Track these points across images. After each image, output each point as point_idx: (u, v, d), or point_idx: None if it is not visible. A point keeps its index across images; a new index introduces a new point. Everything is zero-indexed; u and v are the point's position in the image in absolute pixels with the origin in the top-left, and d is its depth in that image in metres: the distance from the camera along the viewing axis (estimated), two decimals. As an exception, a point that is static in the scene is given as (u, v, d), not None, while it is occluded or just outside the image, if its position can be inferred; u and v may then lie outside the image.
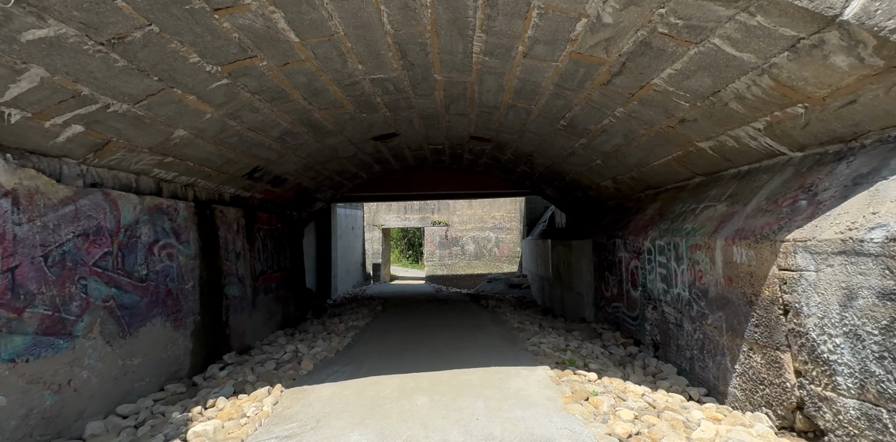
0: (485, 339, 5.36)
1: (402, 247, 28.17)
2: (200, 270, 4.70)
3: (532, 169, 8.30)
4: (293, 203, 8.42)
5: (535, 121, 5.46)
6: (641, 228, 4.87)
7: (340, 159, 7.55)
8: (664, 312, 4.10)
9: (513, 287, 12.80)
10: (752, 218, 2.89)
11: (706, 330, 3.33)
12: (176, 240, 4.24)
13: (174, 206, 4.26)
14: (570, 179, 7.54)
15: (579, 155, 6.02)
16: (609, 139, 4.88)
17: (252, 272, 6.09)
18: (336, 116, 5.35)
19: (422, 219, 17.23)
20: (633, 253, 4.93)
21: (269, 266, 6.80)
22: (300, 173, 7.11)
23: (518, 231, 16.41)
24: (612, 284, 5.80)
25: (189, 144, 4.21)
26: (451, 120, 6.19)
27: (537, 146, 6.59)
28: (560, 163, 6.91)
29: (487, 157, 8.56)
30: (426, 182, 10.94)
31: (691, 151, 3.93)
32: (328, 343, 5.35)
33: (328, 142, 6.31)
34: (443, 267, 16.78)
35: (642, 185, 5.50)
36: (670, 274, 3.95)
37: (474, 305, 9.18)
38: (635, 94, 3.57)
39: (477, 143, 7.50)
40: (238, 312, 5.52)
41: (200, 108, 3.77)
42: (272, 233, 7.11)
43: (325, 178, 8.29)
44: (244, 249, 5.87)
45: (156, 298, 3.83)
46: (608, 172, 5.97)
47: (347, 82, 4.38)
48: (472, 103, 5.29)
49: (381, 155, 8.24)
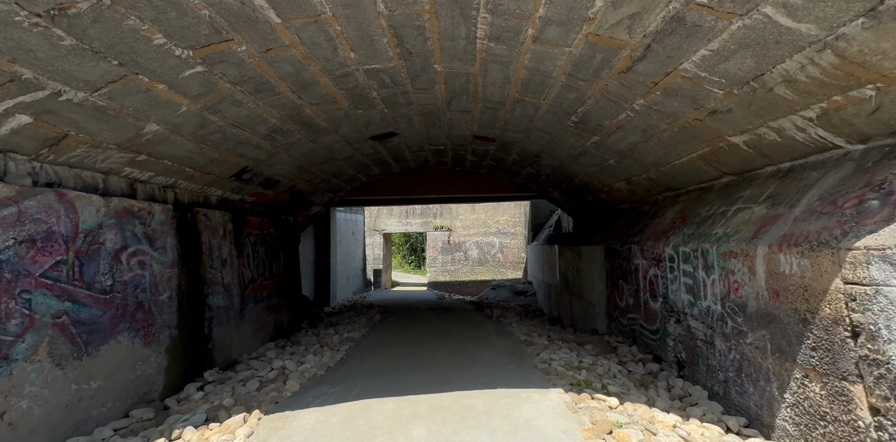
0: (490, 354, 4.92)
1: (404, 252, 27.74)
2: (179, 279, 4.30)
3: (538, 171, 7.90)
4: (287, 207, 8.04)
5: (543, 117, 5.06)
6: (661, 234, 4.44)
7: (337, 161, 7.17)
8: (690, 326, 3.66)
9: (518, 294, 12.34)
10: (804, 221, 2.47)
11: (744, 350, 2.90)
12: (149, 246, 3.84)
13: (148, 209, 3.88)
14: (580, 181, 7.12)
15: (590, 155, 5.61)
16: (625, 136, 4.47)
17: (240, 280, 5.69)
18: (329, 113, 4.97)
19: (424, 223, 16.82)
20: (652, 260, 4.51)
21: (259, 273, 6.40)
22: (294, 175, 6.73)
23: (523, 236, 15.97)
24: (626, 293, 5.36)
25: (165, 141, 3.83)
26: (452, 117, 5.80)
27: (545, 146, 6.19)
28: (569, 164, 6.50)
29: (491, 158, 8.16)
30: (428, 185, 10.55)
31: (720, 148, 3.51)
32: (319, 358, 4.93)
33: (322, 141, 5.93)
34: (445, 273, 16.34)
35: (660, 187, 5.07)
36: (697, 284, 3.52)
37: (478, 314, 8.74)
38: (659, 83, 3.16)
39: (480, 143, 7.11)
40: (223, 323, 5.11)
41: (174, 99, 3.38)
42: (264, 238, 6.72)
43: (322, 180, 7.92)
44: (231, 255, 5.47)
45: (123, 311, 3.43)
46: (622, 173, 5.56)
47: (339, 73, 3.99)
48: (475, 98, 4.90)
49: (379, 156, 7.87)
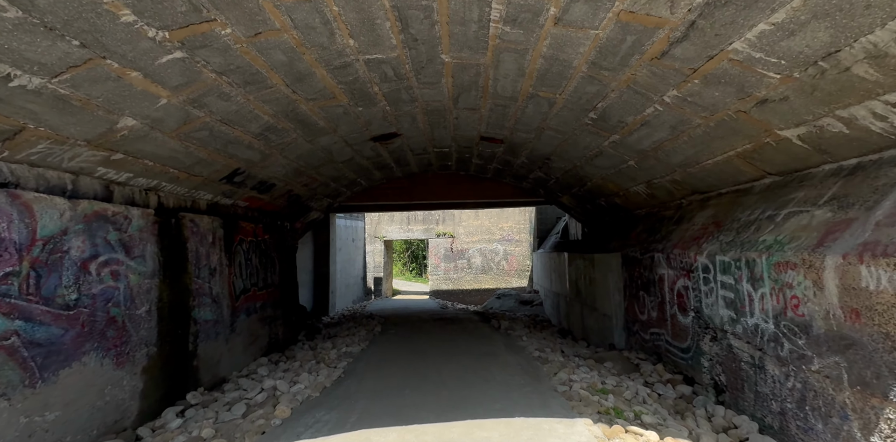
0: (501, 373, 4.49)
1: (405, 260, 27.28)
2: (160, 291, 3.90)
3: (548, 174, 7.52)
4: (284, 212, 7.66)
5: (557, 115, 4.68)
6: (691, 241, 4.04)
7: (336, 164, 6.80)
8: (731, 346, 3.25)
9: (524, 304, 11.90)
10: (891, 227, 2.07)
11: (809, 378, 2.49)
12: (125, 254, 3.45)
13: (124, 213, 3.49)
14: (593, 185, 6.74)
15: (607, 156, 5.23)
16: (650, 134, 4.09)
17: (231, 291, 5.29)
18: (327, 110, 4.60)
19: (426, 230, 16.42)
20: (681, 270, 4.10)
21: (253, 283, 6.00)
22: (290, 178, 6.36)
23: (528, 243, 15.56)
24: (649, 305, 4.94)
25: (143, 138, 3.46)
26: (459, 116, 5.43)
27: (557, 147, 5.82)
28: (582, 166, 6.12)
29: (498, 161, 7.79)
30: (431, 190, 10.17)
31: (766, 144, 3.12)
32: (314, 377, 4.51)
33: (321, 142, 5.56)
34: (448, 281, 15.89)
35: (686, 190, 4.68)
36: (741, 299, 3.11)
37: (484, 325, 8.30)
38: (699, 70, 2.78)
39: (487, 144, 6.74)
40: (211, 338, 4.69)
41: (151, 90, 3.01)
42: (258, 245, 6.32)
43: (320, 184, 7.54)
44: (221, 264, 5.07)
45: (90, 328, 3.03)
46: (642, 176, 5.16)
47: (337, 64, 3.63)
48: (484, 93, 4.53)
49: (381, 159, 7.50)
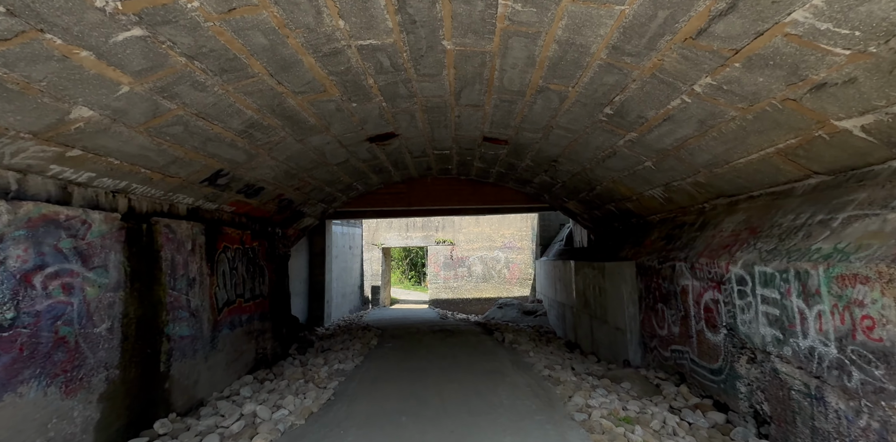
0: (510, 396, 4.05)
1: (404, 267, 26.79)
2: (126, 305, 3.47)
3: (554, 178, 7.13)
4: (275, 218, 7.24)
5: (569, 111, 4.30)
6: (720, 249, 3.62)
7: (330, 166, 6.41)
8: (777, 370, 2.82)
9: (527, 314, 11.44)
10: None
11: (893, 418, 2.06)
12: (81, 265, 3.02)
13: (81, 217, 3.07)
14: (603, 189, 6.34)
15: (622, 156, 4.84)
16: (673, 130, 3.70)
17: (213, 303, 4.85)
18: (318, 106, 4.21)
19: (425, 237, 15.99)
20: (709, 282, 3.68)
21: (238, 294, 5.56)
22: (280, 182, 5.95)
23: (530, 251, 15.12)
24: (669, 319, 4.51)
25: (105, 132, 3.05)
26: (461, 114, 5.05)
27: (566, 148, 5.43)
28: (592, 168, 5.73)
29: (501, 164, 7.40)
30: (430, 195, 9.78)
31: (817, 138, 2.73)
32: (301, 400, 4.05)
33: (312, 142, 5.17)
34: (447, 290, 15.42)
35: (710, 193, 4.28)
36: (790, 316, 2.69)
37: (487, 338, 7.84)
38: (743, 49, 2.39)
39: (491, 146, 6.36)
40: (187, 356, 4.25)
41: (108, 75, 2.61)
42: (246, 253, 5.89)
43: (314, 189, 7.14)
44: (202, 273, 4.64)
45: (31, 352, 2.60)
46: (659, 178, 4.77)
47: (327, 50, 3.24)
48: (489, 87, 4.14)
49: (378, 162, 7.11)
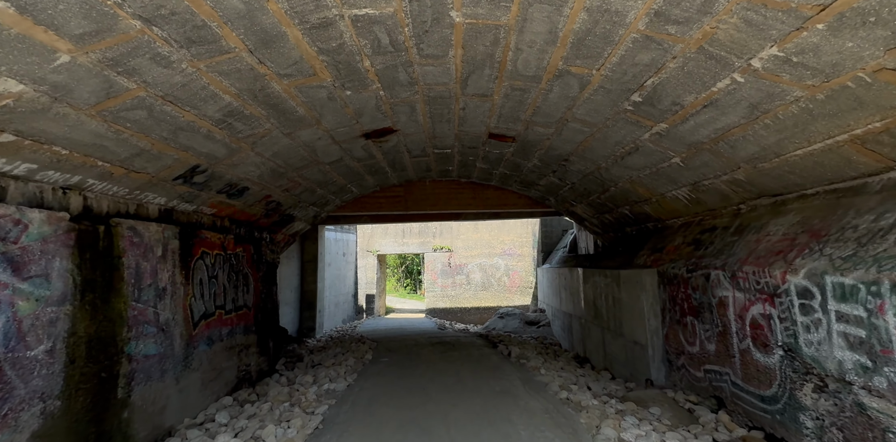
0: (527, 425, 3.51)
1: (400, 275, 26.17)
2: (74, 322, 2.92)
3: (563, 179, 6.66)
4: (262, 222, 6.70)
5: (589, 100, 3.83)
6: (771, 255, 3.14)
7: (322, 165, 5.90)
8: (864, 406, 2.32)
9: (529, 324, 10.90)
10: None
11: None
12: (11, 274, 2.48)
13: (13, 217, 2.54)
14: (617, 191, 5.87)
15: (645, 152, 4.37)
16: (713, 119, 3.23)
17: (187, 316, 4.30)
18: (307, 92, 3.71)
19: (422, 243, 15.45)
20: (758, 293, 3.19)
21: (219, 305, 5.00)
22: (267, 181, 5.44)
23: (531, 258, 14.62)
24: (702, 335, 4.01)
25: (43, 114, 2.53)
26: (466, 106, 4.57)
27: (580, 144, 4.96)
28: (608, 167, 5.26)
29: (506, 164, 6.93)
30: (429, 199, 9.29)
31: (907, 119, 2.25)
32: (284, 430, 3.49)
33: (302, 136, 4.67)
34: (445, 298, 14.85)
35: (749, 192, 3.80)
36: (883, 339, 2.19)
37: (491, 351, 7.30)
38: (834, 4, 1.92)
39: (496, 144, 5.88)
40: (153, 378, 3.69)
41: (39, 37, 2.10)
42: (228, 260, 5.35)
43: (305, 190, 6.62)
44: (175, 282, 4.10)
45: (-66, 384, 2.05)
46: (687, 176, 4.30)
47: (315, 20, 2.75)
48: (501, 72, 3.66)
49: (374, 162, 6.61)
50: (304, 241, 11.66)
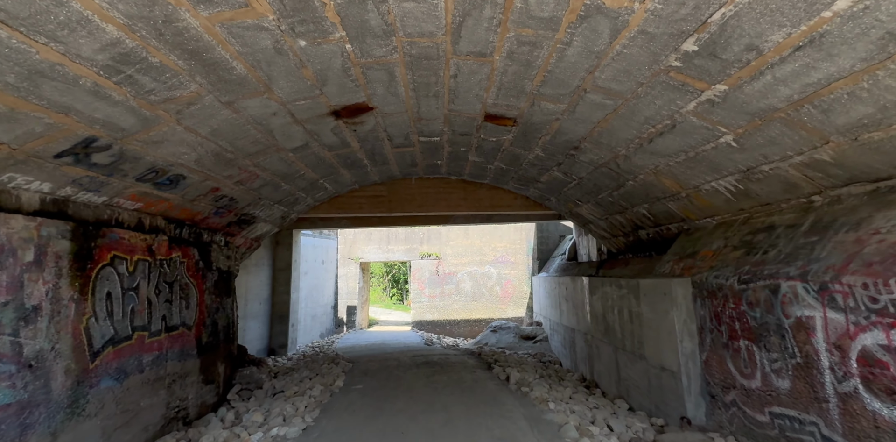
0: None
1: (385, 284, 24.95)
2: None
3: (568, 174, 5.71)
4: (211, 222, 5.61)
5: (621, 55, 2.89)
6: (891, 262, 2.19)
7: (284, 153, 4.87)
8: None
9: (525, 339, 9.88)
10: None
11: None
12: None
13: None
14: (635, 185, 4.93)
15: (683, 130, 3.44)
16: (806, 69, 2.30)
17: (80, 343, 3.20)
18: (243, 37, 2.70)
19: (408, 250, 14.38)
20: (878, 315, 2.24)
21: (139, 325, 3.91)
22: (211, 169, 4.39)
23: (526, 266, 13.65)
24: (766, 366, 3.05)
25: None
26: (459, 72, 3.60)
27: (597, 124, 4.02)
28: (630, 155, 4.32)
29: (503, 157, 5.97)
30: (415, 199, 8.29)
31: None
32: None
33: (249, 108, 3.65)
34: (433, 310, 13.77)
35: (832, 179, 2.88)
36: None
37: (485, 374, 6.26)
38: None
39: (493, 128, 4.92)
40: (6, 439, 2.58)
41: None
42: (158, 267, 4.27)
43: (266, 184, 5.57)
44: (58, 299, 3.01)
45: None
46: (738, 161, 3.37)
47: None
48: (506, 13, 2.70)
49: (349, 151, 5.60)
50: (276, 246, 10.54)
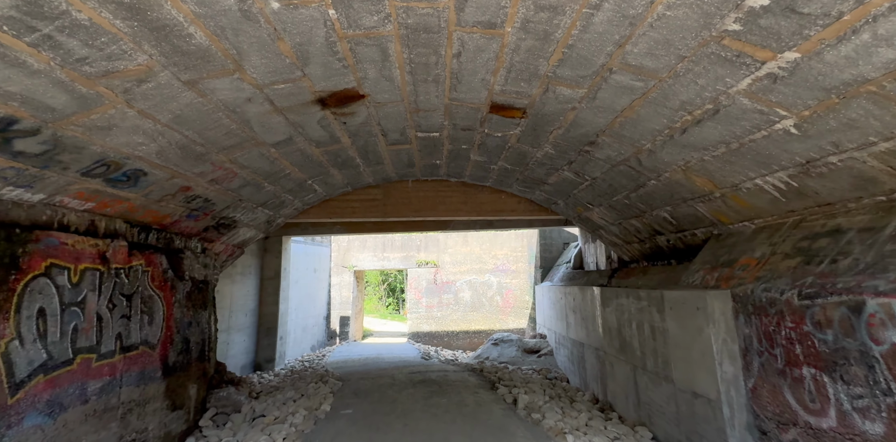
0: None
1: (381, 294, 24.25)
2: None
3: (580, 174, 5.18)
4: (184, 226, 5.03)
5: (661, 21, 2.38)
6: None
7: (265, 147, 4.32)
8: None
9: (529, 353, 9.27)
10: None
11: None
12: None
13: None
14: (657, 186, 4.40)
15: (730, 116, 2.92)
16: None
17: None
18: (192, -11, 2.16)
19: (404, 258, 13.79)
20: None
21: (83, 347, 3.32)
22: (178, 164, 3.83)
23: (528, 274, 13.06)
24: (842, 402, 2.50)
25: None
26: (464, 48, 3.08)
27: (621, 113, 3.49)
28: (656, 149, 3.79)
29: (508, 156, 5.44)
30: (411, 204, 7.74)
31: None
32: None
33: (218, 91, 3.10)
34: (430, 320, 13.13)
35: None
36: None
37: (489, 396, 5.65)
38: None
39: (499, 121, 4.39)
40: None
41: None
42: (114, 277, 3.70)
43: (246, 184, 5.01)
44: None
45: None
46: (796, 151, 2.84)
47: None
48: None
49: (339, 148, 5.05)
50: (265, 254, 9.95)
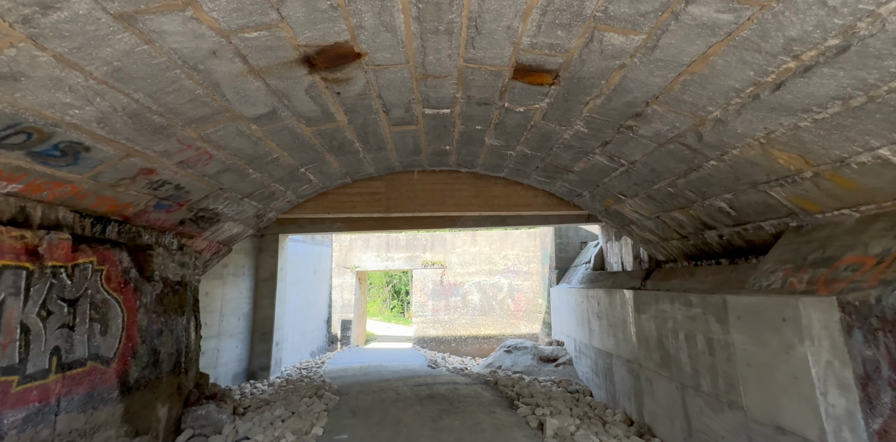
0: None
1: (386, 296, 23.48)
2: None
3: (615, 157, 4.40)
4: (156, 219, 4.30)
5: None
6: None
7: (243, 123, 3.58)
8: None
9: (546, 361, 8.48)
10: None
11: None
12: None
13: None
14: (719, 167, 3.61)
15: (862, 55, 2.14)
16: None
17: None
18: None
19: (409, 258, 13.03)
20: None
21: (5, 367, 2.58)
22: (132, 139, 3.10)
23: (541, 276, 12.26)
24: None
25: None
26: (490, -28, 2.32)
27: (690, 65, 2.72)
28: (727, 118, 3.02)
29: (530, 137, 4.67)
30: (417, 198, 7.00)
31: None
32: None
33: (168, 35, 2.37)
34: (437, 325, 12.35)
35: None
36: None
37: (509, 417, 4.87)
38: None
39: (524, 90, 3.62)
40: None
41: None
42: (50, 278, 2.99)
43: (225, 169, 4.29)
44: None
45: None
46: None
47: None
48: None
49: (333, 128, 4.31)
50: (260, 253, 9.23)
